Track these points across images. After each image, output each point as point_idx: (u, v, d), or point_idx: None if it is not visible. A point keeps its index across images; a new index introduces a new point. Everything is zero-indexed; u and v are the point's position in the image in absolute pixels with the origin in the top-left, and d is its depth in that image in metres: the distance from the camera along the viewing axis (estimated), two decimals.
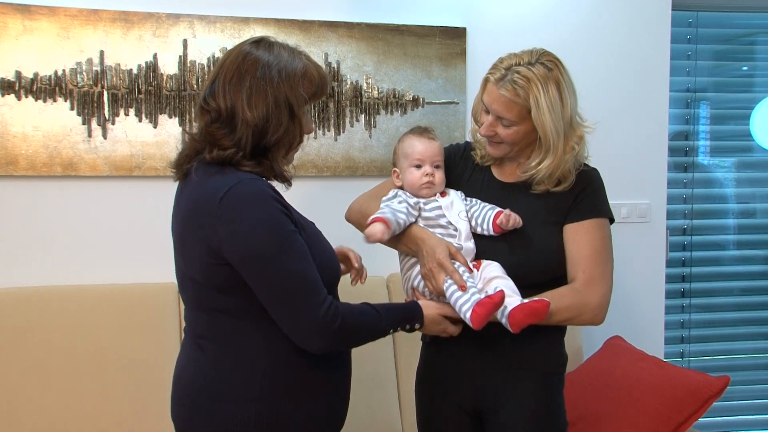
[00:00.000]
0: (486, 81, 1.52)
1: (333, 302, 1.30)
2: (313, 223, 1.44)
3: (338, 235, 1.77)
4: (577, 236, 1.52)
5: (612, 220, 1.58)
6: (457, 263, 1.46)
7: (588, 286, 1.49)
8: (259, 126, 1.29)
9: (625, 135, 2.58)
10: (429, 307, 1.46)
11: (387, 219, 1.46)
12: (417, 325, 1.44)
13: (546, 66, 1.46)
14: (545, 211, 1.53)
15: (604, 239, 1.53)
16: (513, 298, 1.41)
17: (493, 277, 1.46)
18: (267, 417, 1.30)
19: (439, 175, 1.57)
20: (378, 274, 2.29)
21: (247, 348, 1.31)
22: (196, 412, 1.33)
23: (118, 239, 2.26)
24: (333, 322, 1.28)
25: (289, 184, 1.41)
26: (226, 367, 1.32)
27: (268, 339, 1.31)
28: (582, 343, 2.46)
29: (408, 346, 2.25)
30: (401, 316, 1.43)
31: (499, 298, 1.37)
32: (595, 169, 1.59)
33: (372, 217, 1.48)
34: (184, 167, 1.36)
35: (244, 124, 1.29)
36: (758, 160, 3.04)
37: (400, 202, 1.54)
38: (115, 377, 2.06)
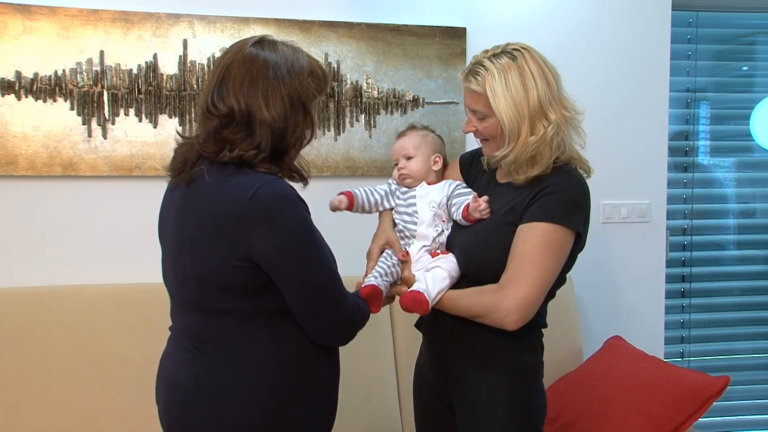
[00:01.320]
0: (461, 80, 1.56)
1: (351, 296, 1.37)
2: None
3: (338, 235, 1.77)
4: (516, 238, 1.46)
5: (577, 233, 1.47)
6: (391, 251, 1.60)
7: (504, 288, 1.44)
8: (279, 127, 1.30)
9: (625, 135, 2.59)
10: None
11: (353, 193, 1.66)
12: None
13: (511, 55, 1.48)
14: (504, 211, 1.51)
15: (542, 244, 1.43)
16: (417, 284, 1.50)
17: (433, 266, 1.53)
18: (271, 421, 1.30)
19: (413, 165, 1.65)
20: None
21: (252, 352, 1.30)
22: (196, 416, 1.31)
23: (118, 239, 2.26)
24: (357, 314, 1.36)
25: (306, 182, 1.41)
26: (229, 371, 1.30)
27: (274, 343, 1.31)
28: (582, 343, 2.46)
29: (408, 345, 2.26)
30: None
31: (362, 292, 1.47)
32: (574, 176, 1.50)
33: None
34: (192, 172, 1.32)
35: (263, 126, 1.28)
36: (758, 160, 3.04)
37: (382, 186, 1.70)
38: (115, 377, 2.06)
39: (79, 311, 2.10)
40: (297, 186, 1.37)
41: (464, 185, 1.65)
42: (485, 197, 1.53)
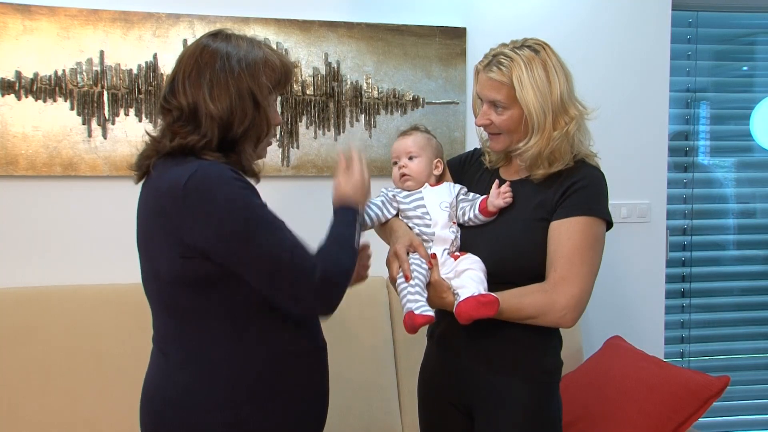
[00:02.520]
0: (476, 71, 1.54)
1: (320, 262, 1.24)
2: (283, 222, 1.41)
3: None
4: (557, 234, 1.46)
5: (609, 223, 1.50)
6: (417, 255, 1.50)
7: (557, 285, 1.43)
8: (224, 119, 1.26)
9: (625, 135, 2.59)
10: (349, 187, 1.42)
11: None
12: (358, 216, 1.40)
13: (532, 49, 1.48)
14: (532, 207, 1.51)
15: (586, 239, 1.45)
16: (465, 289, 1.42)
17: (464, 269, 1.47)
18: (236, 425, 1.26)
19: (415, 165, 1.60)
20: (378, 274, 2.28)
21: (213, 353, 1.27)
22: (163, 421, 1.29)
23: (118, 239, 2.25)
24: (329, 281, 1.24)
25: (257, 179, 1.38)
26: (190, 373, 1.27)
27: (235, 343, 1.27)
28: (582, 343, 2.47)
29: (408, 347, 2.26)
30: (348, 223, 1.37)
31: (419, 323, 1.40)
32: (596, 168, 1.53)
33: None
34: (144, 165, 1.32)
35: (209, 118, 1.26)
36: (758, 160, 3.04)
37: (378, 197, 1.61)
38: (115, 377, 2.06)
39: (79, 311, 2.10)
40: (280, 182, 1.33)
41: (466, 189, 1.63)
42: (507, 182, 1.51)
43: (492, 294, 1.40)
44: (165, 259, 1.25)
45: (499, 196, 1.51)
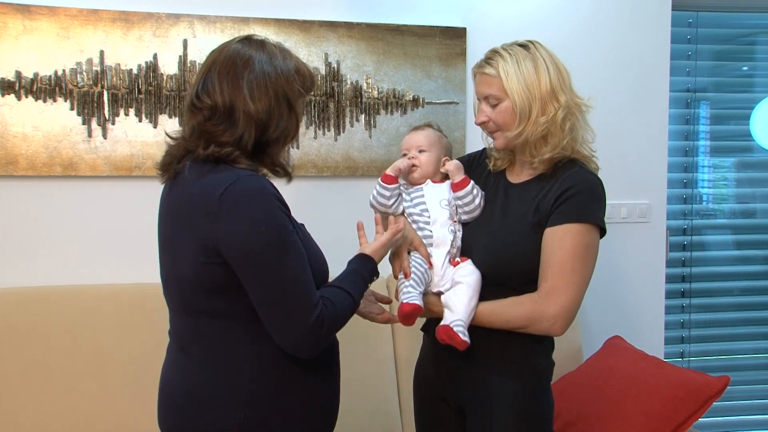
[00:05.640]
0: (473, 74, 1.59)
1: (321, 306, 1.28)
2: (303, 225, 1.43)
3: (337, 234, 1.78)
4: (549, 242, 1.47)
5: (602, 230, 1.50)
6: (418, 254, 1.54)
7: (548, 295, 1.45)
8: (263, 119, 1.29)
9: (625, 135, 2.59)
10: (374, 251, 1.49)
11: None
12: (374, 276, 1.47)
13: (522, 45, 1.53)
14: (530, 212, 1.52)
15: (577, 247, 1.45)
16: (448, 313, 1.47)
17: (457, 282, 1.50)
18: (254, 422, 1.28)
19: (424, 158, 1.63)
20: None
21: (233, 352, 1.29)
22: (182, 418, 1.31)
23: (118, 239, 2.26)
24: (321, 328, 1.27)
25: (290, 178, 1.41)
26: (211, 371, 1.29)
27: (255, 343, 1.29)
28: (582, 343, 2.46)
29: (408, 345, 2.26)
30: (363, 278, 1.43)
31: (406, 311, 1.45)
32: (593, 174, 1.53)
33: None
34: (174, 167, 1.33)
35: (247, 118, 1.28)
36: (758, 160, 3.04)
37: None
38: (114, 377, 2.06)
39: (79, 311, 2.10)
40: (281, 184, 1.35)
41: None
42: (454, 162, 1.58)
43: (459, 336, 1.44)
44: (187, 261, 1.27)
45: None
